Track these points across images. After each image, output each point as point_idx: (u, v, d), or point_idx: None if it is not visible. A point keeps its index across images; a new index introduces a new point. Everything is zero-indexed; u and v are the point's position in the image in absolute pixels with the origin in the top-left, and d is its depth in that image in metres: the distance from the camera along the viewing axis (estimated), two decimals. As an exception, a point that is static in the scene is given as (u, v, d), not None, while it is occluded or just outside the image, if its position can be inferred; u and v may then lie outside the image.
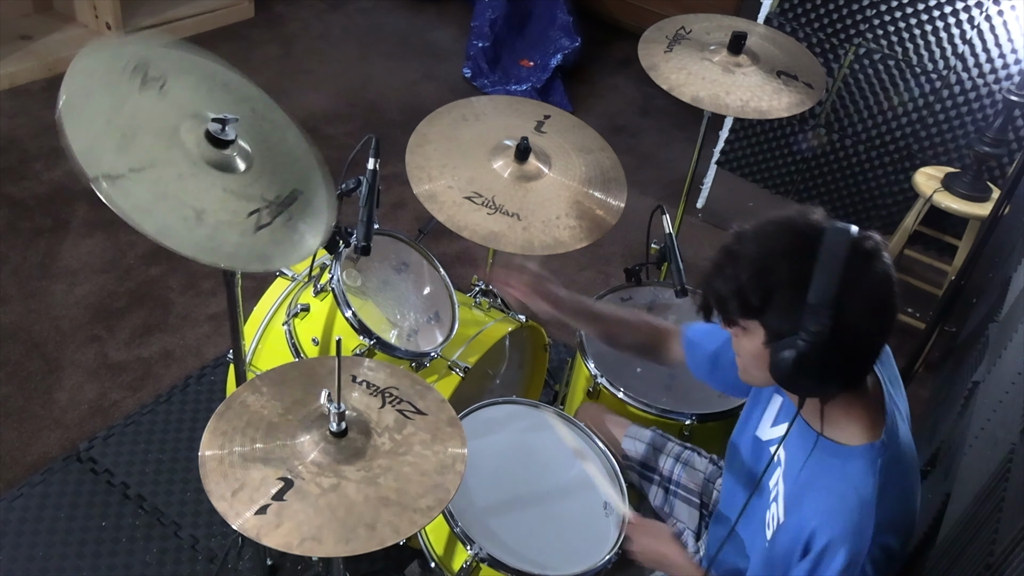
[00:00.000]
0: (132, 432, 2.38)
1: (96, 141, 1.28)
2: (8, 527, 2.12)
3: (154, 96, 1.40)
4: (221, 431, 1.31)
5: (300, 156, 1.57)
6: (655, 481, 1.81)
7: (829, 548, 1.22)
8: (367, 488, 1.26)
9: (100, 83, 1.35)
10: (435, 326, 2.02)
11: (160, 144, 1.35)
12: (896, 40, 2.91)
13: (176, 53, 1.51)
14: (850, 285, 1.15)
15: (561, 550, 1.63)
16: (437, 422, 1.40)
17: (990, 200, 2.73)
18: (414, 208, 3.29)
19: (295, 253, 1.44)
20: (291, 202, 1.45)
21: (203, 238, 1.31)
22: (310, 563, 2.11)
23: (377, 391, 1.42)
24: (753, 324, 1.23)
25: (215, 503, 1.21)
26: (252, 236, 1.36)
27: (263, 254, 1.36)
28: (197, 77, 1.50)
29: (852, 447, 1.26)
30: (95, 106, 1.32)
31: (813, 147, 3.23)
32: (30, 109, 3.50)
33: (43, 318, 2.66)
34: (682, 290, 1.98)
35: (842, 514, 1.22)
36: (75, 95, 1.30)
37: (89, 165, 1.24)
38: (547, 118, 2.08)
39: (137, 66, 1.40)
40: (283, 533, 1.19)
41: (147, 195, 1.29)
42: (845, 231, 1.18)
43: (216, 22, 4.27)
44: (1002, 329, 2.00)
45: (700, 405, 1.97)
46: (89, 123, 1.29)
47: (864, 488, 1.22)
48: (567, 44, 4.21)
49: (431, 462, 1.33)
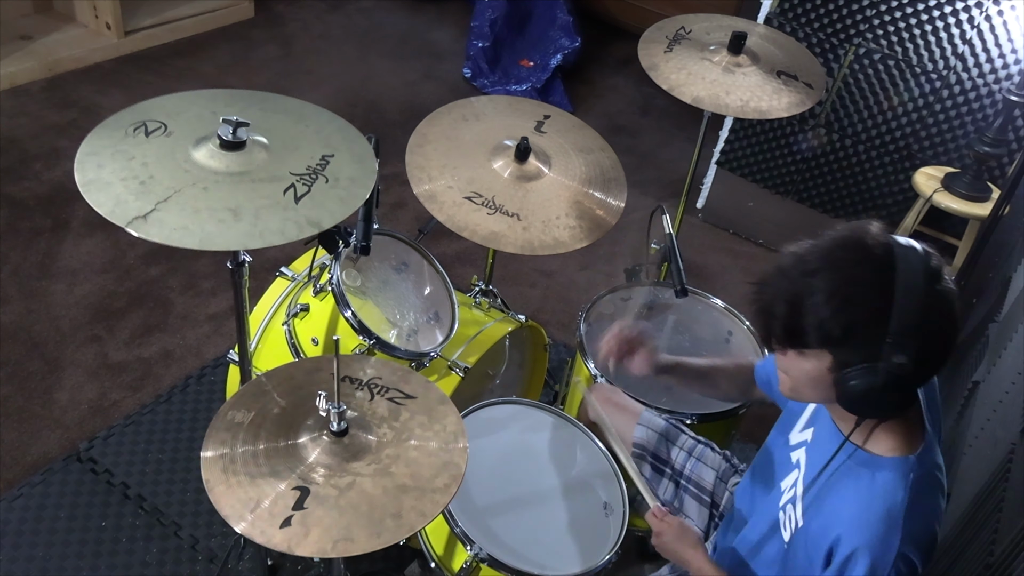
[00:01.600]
0: (132, 432, 2.38)
1: (119, 197, 1.35)
2: (8, 527, 2.12)
3: (160, 140, 1.47)
4: (219, 455, 1.29)
5: (323, 126, 1.61)
6: (667, 475, 1.80)
7: (853, 557, 1.20)
8: (382, 480, 1.28)
9: (107, 154, 1.43)
10: (435, 326, 2.02)
11: (177, 171, 1.42)
12: (896, 40, 2.91)
13: (167, 100, 1.58)
14: (927, 312, 1.13)
15: (561, 550, 1.63)
16: (428, 403, 1.42)
17: (990, 200, 2.73)
18: (414, 208, 3.29)
19: (347, 206, 1.46)
20: (324, 166, 1.49)
21: (247, 230, 1.35)
22: (310, 563, 2.11)
23: (362, 384, 1.42)
24: (819, 352, 1.19)
25: (236, 527, 1.20)
26: (295, 209, 1.40)
27: (313, 218, 1.40)
28: (196, 108, 1.56)
29: (885, 458, 1.25)
30: (108, 173, 1.39)
31: (813, 147, 3.23)
32: (30, 109, 3.51)
33: (43, 318, 2.66)
34: (682, 290, 1.98)
35: (869, 524, 1.21)
36: (88, 174, 1.39)
37: (119, 218, 1.32)
38: (547, 118, 2.08)
39: (136, 127, 1.48)
40: (314, 540, 1.19)
41: (179, 218, 1.34)
42: (917, 252, 1.15)
43: (216, 22, 4.27)
44: (1002, 329, 2.00)
45: (701, 405, 1.97)
46: (107, 188, 1.37)
47: (893, 500, 1.21)
48: (567, 44, 4.21)
49: (435, 442, 1.35)
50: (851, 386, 1.17)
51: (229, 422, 1.34)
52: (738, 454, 1.86)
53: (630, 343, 1.72)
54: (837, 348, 1.17)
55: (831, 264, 1.17)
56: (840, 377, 1.18)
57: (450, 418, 1.40)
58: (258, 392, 1.40)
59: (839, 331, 1.15)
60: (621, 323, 1.74)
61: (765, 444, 1.57)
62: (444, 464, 1.32)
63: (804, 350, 1.20)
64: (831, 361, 1.18)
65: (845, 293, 1.15)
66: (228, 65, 4.05)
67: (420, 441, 1.34)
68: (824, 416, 1.37)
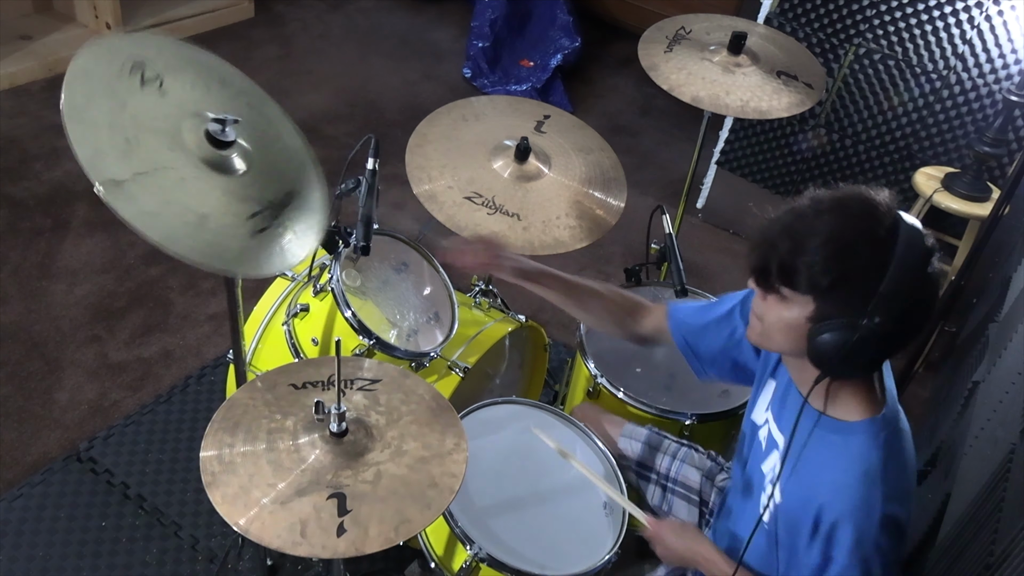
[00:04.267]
0: (132, 432, 2.38)
1: (101, 146, 1.28)
2: (8, 527, 2.12)
3: (154, 96, 1.40)
4: (231, 495, 1.24)
5: (295, 154, 1.57)
6: (652, 480, 1.81)
7: (838, 525, 1.22)
8: (402, 459, 1.31)
9: (100, 85, 1.34)
10: (435, 326, 2.02)
11: (163, 146, 1.36)
12: (896, 40, 2.91)
13: (171, 49, 1.50)
14: (916, 285, 1.16)
15: (561, 550, 1.63)
16: (393, 381, 1.44)
17: (990, 200, 2.73)
18: (414, 208, 3.28)
19: (288, 259, 1.43)
20: (287, 204, 1.45)
21: (206, 243, 1.31)
22: (309, 563, 2.11)
23: (324, 385, 1.42)
24: (804, 299, 1.20)
25: (298, 553, 1.19)
26: (252, 239, 1.37)
27: (260, 259, 1.37)
28: (193, 73, 1.50)
29: (854, 423, 1.26)
30: (97, 109, 1.31)
31: (813, 147, 3.23)
32: (30, 109, 3.50)
33: (43, 318, 2.66)
34: (682, 290, 1.98)
35: (848, 488, 1.23)
36: (76, 98, 1.30)
37: (94, 171, 1.24)
38: (547, 118, 2.08)
39: (135, 65, 1.40)
40: (376, 534, 1.21)
41: (152, 201, 1.30)
42: (918, 229, 1.18)
43: (216, 22, 4.27)
44: (1002, 329, 2.00)
45: (700, 405, 1.97)
46: (93, 127, 1.29)
47: (869, 462, 1.23)
48: (567, 44, 4.21)
49: (424, 410, 1.40)
50: (824, 339, 1.19)
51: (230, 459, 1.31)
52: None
53: (487, 247, 1.63)
54: (823, 297, 1.18)
55: (840, 209, 1.19)
56: (817, 328, 1.19)
57: (422, 385, 1.44)
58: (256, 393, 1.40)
59: (830, 279, 1.17)
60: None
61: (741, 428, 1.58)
62: (443, 428, 1.37)
63: (791, 294, 1.21)
64: (813, 310, 1.20)
65: (845, 240, 1.16)
66: (228, 65, 4.05)
67: (411, 415, 1.38)
68: (789, 393, 1.38)
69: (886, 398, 1.29)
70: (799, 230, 1.20)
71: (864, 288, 1.15)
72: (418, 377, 1.47)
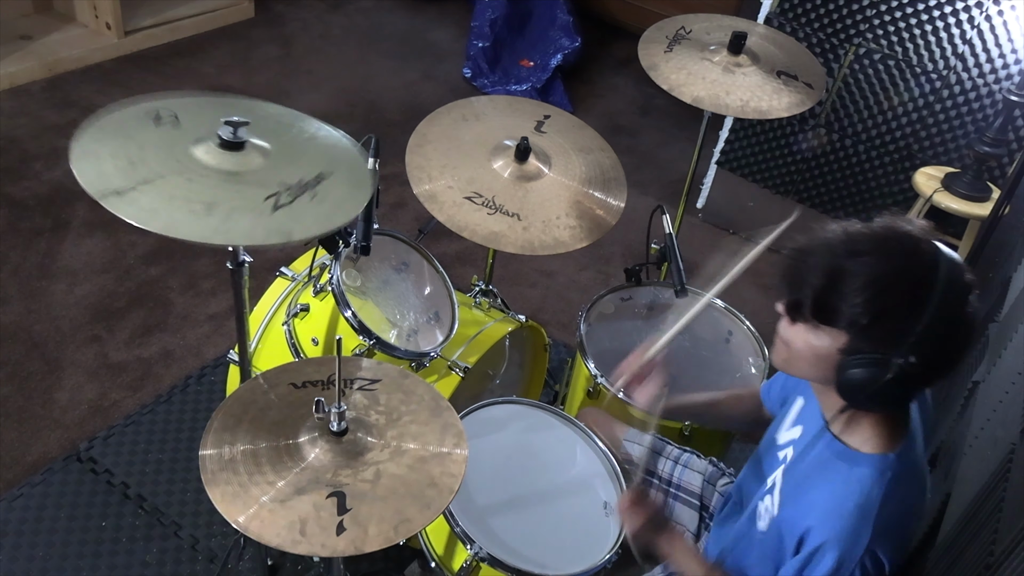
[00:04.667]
0: (132, 432, 2.38)
1: (101, 171, 1.33)
2: (8, 527, 2.12)
3: (168, 130, 1.45)
4: (231, 495, 1.25)
5: (330, 144, 1.60)
6: (655, 485, 1.81)
7: (821, 549, 1.22)
8: (401, 459, 1.31)
9: (113, 130, 1.41)
10: (435, 326, 2.02)
11: (169, 161, 1.39)
12: (896, 40, 2.91)
13: (186, 98, 1.55)
14: (954, 320, 1.14)
15: (561, 550, 1.63)
16: (393, 381, 1.44)
17: (990, 200, 2.73)
18: (414, 208, 3.29)
19: (324, 224, 1.43)
20: (317, 183, 1.46)
21: (214, 225, 1.32)
22: (310, 563, 2.11)
23: (325, 384, 1.42)
24: (837, 331, 1.18)
25: (299, 551, 1.20)
26: (270, 216, 1.37)
27: (284, 229, 1.36)
28: (210, 110, 1.53)
29: (864, 454, 1.25)
30: (103, 147, 1.37)
31: (813, 147, 3.23)
32: (30, 109, 3.51)
33: (43, 318, 2.66)
34: (682, 290, 1.98)
35: (840, 517, 1.22)
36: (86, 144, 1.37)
37: (95, 188, 1.29)
38: (547, 118, 2.08)
39: (149, 114, 1.47)
40: (376, 533, 1.21)
41: (153, 201, 1.32)
42: (959, 266, 1.16)
43: (216, 22, 4.27)
44: (1002, 329, 2.00)
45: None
46: (95, 162, 1.34)
47: (867, 497, 1.22)
48: (567, 44, 4.21)
49: (423, 409, 1.40)
50: (854, 372, 1.17)
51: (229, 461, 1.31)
52: (738, 455, 1.86)
53: (644, 371, 1.68)
54: (858, 332, 1.16)
55: (881, 251, 1.16)
56: (848, 361, 1.18)
57: (421, 385, 1.44)
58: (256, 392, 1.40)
59: (866, 319, 1.15)
60: (647, 345, 1.69)
61: (757, 447, 1.58)
62: (443, 426, 1.37)
63: (823, 326, 1.19)
64: (846, 342, 1.17)
65: (886, 283, 1.14)
66: (228, 65, 4.05)
67: (411, 415, 1.38)
68: (812, 413, 1.38)
69: (906, 438, 1.26)
70: (836, 269, 1.17)
71: (902, 326, 1.13)
72: (418, 377, 1.47)
